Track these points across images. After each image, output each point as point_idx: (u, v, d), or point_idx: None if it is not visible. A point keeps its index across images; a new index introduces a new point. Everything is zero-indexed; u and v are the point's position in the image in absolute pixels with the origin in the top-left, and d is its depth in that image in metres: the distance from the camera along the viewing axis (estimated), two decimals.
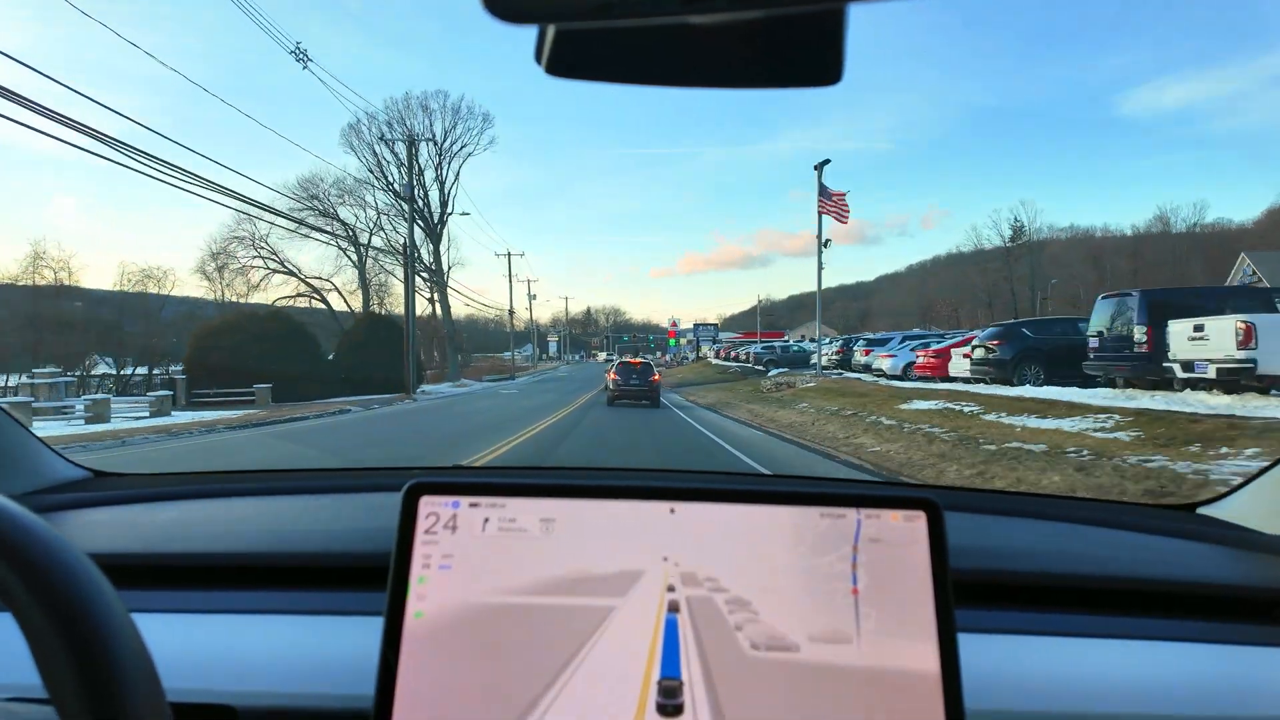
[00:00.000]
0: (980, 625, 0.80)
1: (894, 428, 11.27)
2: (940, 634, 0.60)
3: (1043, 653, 0.78)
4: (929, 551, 0.62)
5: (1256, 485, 1.08)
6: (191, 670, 0.74)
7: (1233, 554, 0.99)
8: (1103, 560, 0.94)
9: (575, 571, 0.63)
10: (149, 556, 0.93)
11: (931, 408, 12.21)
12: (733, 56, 0.43)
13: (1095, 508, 1.16)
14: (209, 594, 0.87)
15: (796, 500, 0.64)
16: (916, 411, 12.19)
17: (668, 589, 0.62)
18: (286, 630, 0.81)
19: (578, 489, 0.65)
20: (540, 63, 0.42)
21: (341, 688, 0.73)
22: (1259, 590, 0.88)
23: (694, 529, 0.64)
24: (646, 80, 0.44)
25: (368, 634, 0.72)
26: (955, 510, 1.05)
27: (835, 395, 16.73)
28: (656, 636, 0.60)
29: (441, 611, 0.61)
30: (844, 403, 15.02)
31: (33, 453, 1.22)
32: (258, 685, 0.74)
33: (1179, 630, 0.82)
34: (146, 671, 0.42)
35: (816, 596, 0.61)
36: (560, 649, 0.60)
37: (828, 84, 0.44)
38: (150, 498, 1.23)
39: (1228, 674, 0.76)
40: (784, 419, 14.85)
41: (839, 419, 13.35)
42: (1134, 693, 0.74)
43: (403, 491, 0.64)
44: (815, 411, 14.83)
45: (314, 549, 0.94)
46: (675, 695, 0.58)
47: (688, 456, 10.26)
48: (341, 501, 1.23)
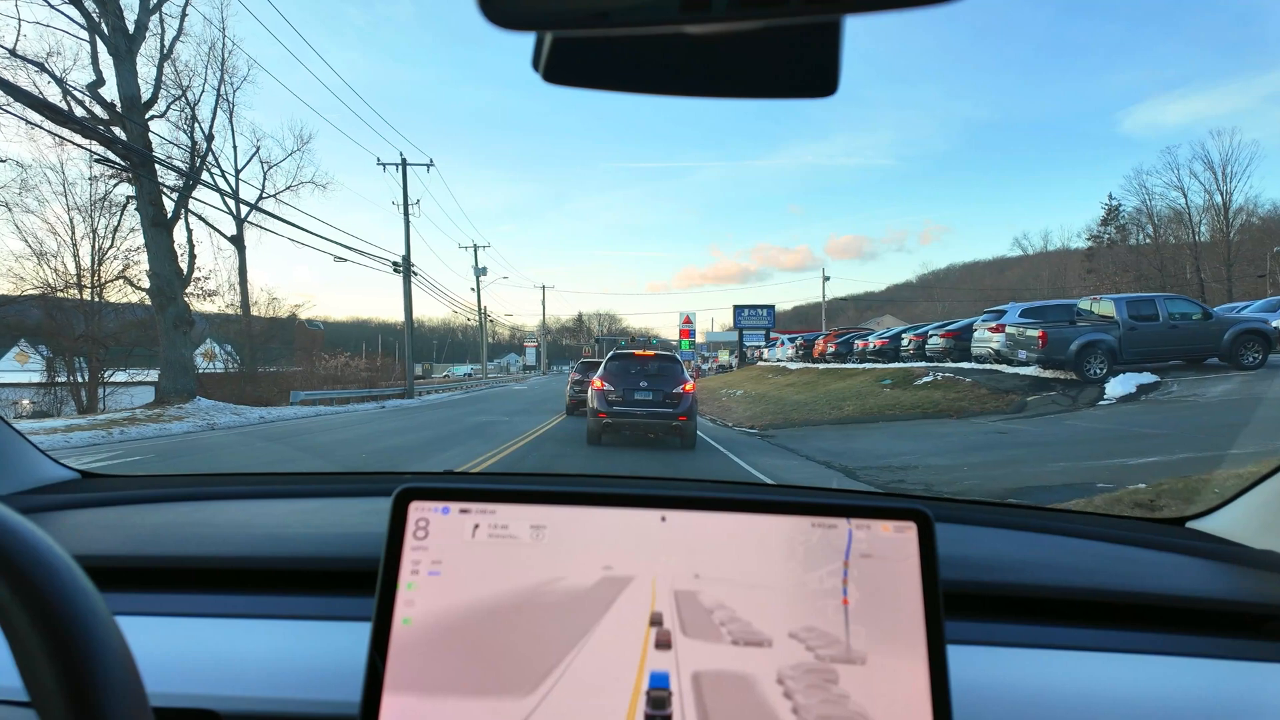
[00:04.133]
0: (969, 637, 0.80)
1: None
2: (929, 645, 0.60)
3: (1031, 665, 0.78)
4: (919, 563, 0.62)
5: (1245, 500, 1.09)
6: (175, 674, 0.73)
7: (1221, 568, 0.99)
8: (1092, 573, 0.94)
9: (565, 579, 0.62)
10: (135, 559, 0.92)
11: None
12: (729, 66, 0.43)
13: (1085, 520, 1.17)
14: (195, 597, 0.86)
15: (788, 510, 0.64)
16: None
17: (658, 598, 0.61)
18: (273, 635, 0.80)
19: (569, 496, 0.64)
20: (538, 70, 0.42)
21: (327, 693, 0.72)
22: (1247, 605, 0.88)
23: (685, 538, 0.63)
24: (642, 89, 0.44)
25: (355, 639, 0.72)
26: (945, 521, 1.04)
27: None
28: (646, 646, 0.60)
29: (430, 617, 0.61)
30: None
31: (19, 453, 1.21)
32: (242, 690, 0.73)
33: (1167, 644, 0.82)
34: (129, 674, 0.42)
35: (807, 607, 0.61)
36: (549, 657, 0.59)
37: (823, 95, 0.44)
38: (137, 500, 1.22)
39: (1216, 688, 0.76)
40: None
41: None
42: (1122, 707, 0.73)
43: (393, 496, 0.64)
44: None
45: (302, 553, 0.93)
46: (664, 706, 0.58)
47: None
48: (330, 506, 1.22)
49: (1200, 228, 44.38)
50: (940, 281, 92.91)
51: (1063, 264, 64.92)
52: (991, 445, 9.75)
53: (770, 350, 40.46)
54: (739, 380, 29.64)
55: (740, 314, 43.35)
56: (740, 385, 26.46)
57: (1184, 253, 43.48)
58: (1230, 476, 6.20)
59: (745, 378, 30.40)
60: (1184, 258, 43.30)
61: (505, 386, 43.51)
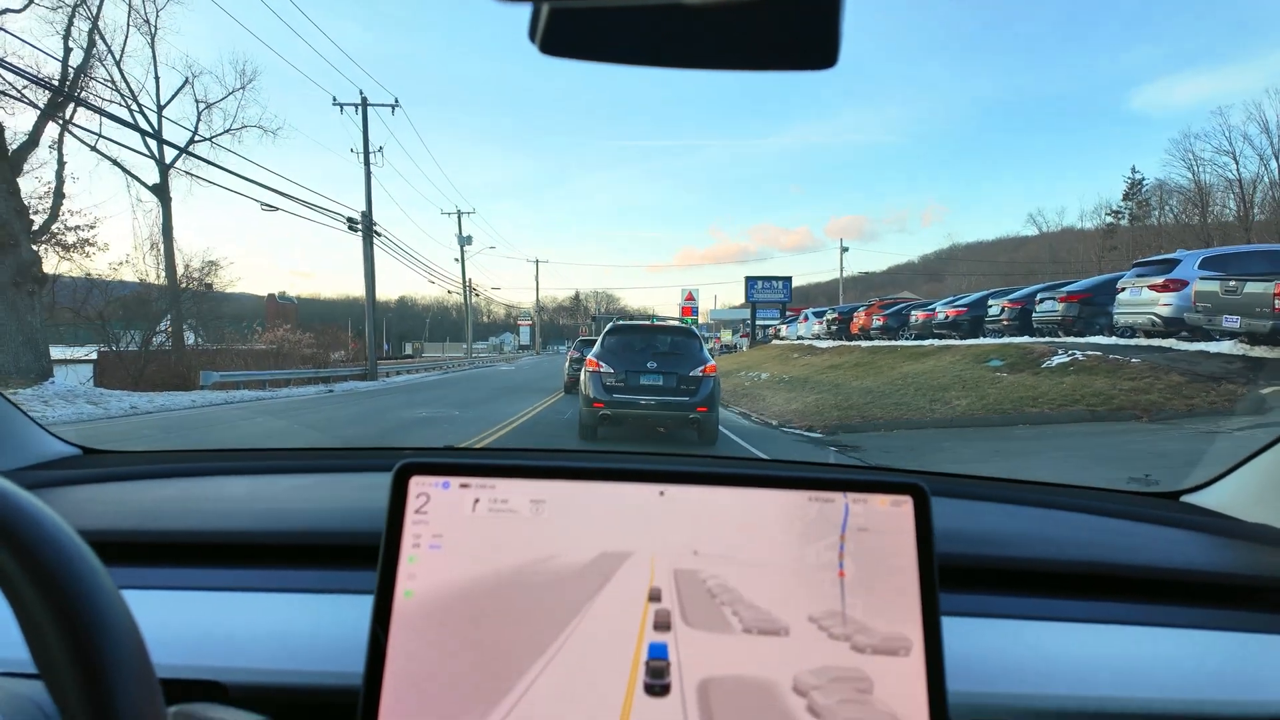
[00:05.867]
0: (964, 609, 0.80)
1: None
2: (924, 617, 0.61)
3: (1025, 637, 0.78)
4: (915, 536, 0.63)
5: (1239, 474, 1.09)
6: (181, 646, 0.74)
7: (1214, 541, 1.00)
8: (1087, 546, 0.95)
9: (564, 552, 0.63)
10: (138, 534, 0.92)
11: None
12: (727, 37, 0.43)
13: (1080, 494, 1.16)
14: (199, 571, 0.86)
15: (785, 484, 0.64)
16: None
17: (656, 570, 0.62)
18: (277, 608, 0.80)
19: (568, 471, 0.65)
20: (534, 41, 0.41)
21: (331, 665, 0.73)
22: (1240, 577, 0.89)
23: (683, 512, 0.64)
24: (640, 61, 0.43)
25: (358, 612, 0.74)
26: (941, 495, 1.03)
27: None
28: (645, 617, 0.60)
29: (431, 590, 0.62)
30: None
31: (21, 429, 1.20)
32: (247, 662, 0.73)
33: (1161, 616, 0.82)
34: (135, 647, 0.42)
35: (804, 580, 0.62)
36: (549, 629, 0.60)
37: (823, 67, 0.43)
38: (140, 475, 1.22)
39: (1208, 658, 0.77)
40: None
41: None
42: (1116, 676, 0.75)
43: (393, 471, 0.64)
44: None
45: (305, 527, 0.93)
46: (663, 675, 0.59)
47: None
48: (332, 481, 1.22)
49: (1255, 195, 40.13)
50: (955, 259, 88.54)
51: (1065, 242, 62.80)
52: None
53: (791, 327, 33.89)
54: (757, 361, 24.40)
55: (753, 286, 36.47)
56: (761, 367, 21.31)
57: (1233, 227, 39.14)
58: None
59: (765, 358, 24.98)
60: (1232, 229, 38.71)
61: (492, 367, 39.62)
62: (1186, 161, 43.01)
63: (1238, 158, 40.35)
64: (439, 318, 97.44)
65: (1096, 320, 13.84)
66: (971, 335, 17.97)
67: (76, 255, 19.17)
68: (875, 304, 26.89)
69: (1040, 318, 15.05)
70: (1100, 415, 8.94)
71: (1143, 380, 9.56)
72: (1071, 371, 10.69)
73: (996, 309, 17.37)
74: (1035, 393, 10.08)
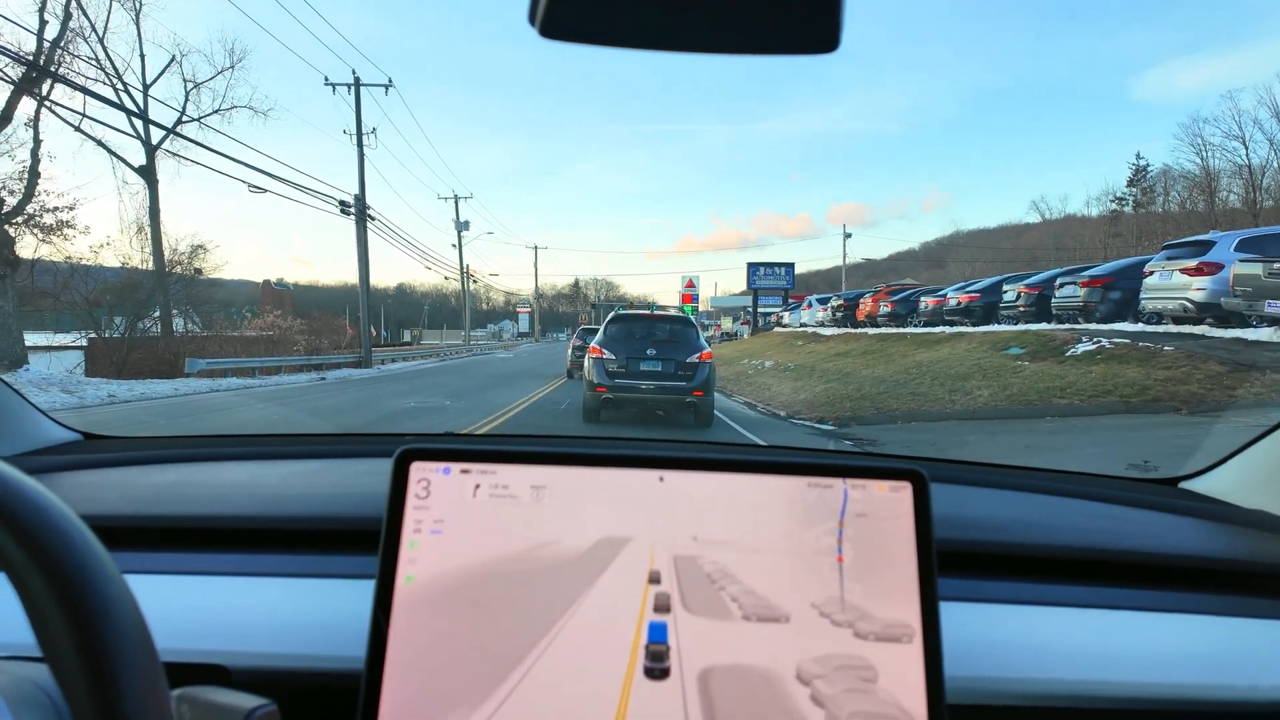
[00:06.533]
0: (962, 594, 0.80)
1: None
2: (923, 602, 0.61)
3: (1023, 621, 0.78)
4: (913, 522, 0.63)
5: (1237, 460, 1.09)
6: (185, 631, 0.74)
7: (1212, 527, 1.00)
8: (1085, 532, 0.94)
9: (565, 538, 0.63)
10: (141, 519, 0.92)
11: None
12: (728, 19, 0.42)
13: (1079, 480, 1.15)
14: (202, 556, 0.86)
15: (784, 470, 0.64)
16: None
17: (655, 556, 0.62)
18: (279, 592, 0.80)
19: (568, 457, 0.65)
20: (534, 24, 0.42)
21: (334, 649, 0.73)
22: (1237, 562, 0.88)
23: (682, 498, 0.64)
24: (639, 44, 0.43)
25: (359, 597, 0.74)
26: (939, 481, 1.03)
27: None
28: (644, 602, 0.61)
29: (432, 575, 0.62)
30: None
31: (22, 415, 1.20)
32: (251, 646, 0.73)
33: (1158, 601, 0.82)
34: (139, 631, 0.42)
35: (803, 566, 0.62)
36: (549, 613, 0.60)
37: (824, 51, 0.43)
38: (141, 460, 1.21)
39: (1205, 643, 0.77)
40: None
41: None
42: (1112, 661, 0.74)
43: (394, 457, 0.64)
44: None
45: (307, 512, 0.93)
46: (662, 659, 0.59)
47: None
48: (333, 466, 1.22)
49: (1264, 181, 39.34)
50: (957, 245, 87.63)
51: (1069, 229, 62.28)
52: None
53: (793, 314, 33.94)
54: (759, 348, 23.89)
55: (755, 273, 36.08)
56: (765, 354, 20.86)
57: (1241, 213, 38.42)
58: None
59: (767, 345, 24.43)
60: (1239, 215, 38.04)
61: (490, 355, 38.75)
62: (1195, 147, 42.18)
63: (1247, 143, 39.58)
64: (438, 305, 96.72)
65: (1120, 305, 13.24)
66: (985, 322, 17.43)
67: (55, 238, 18.40)
68: (883, 290, 26.38)
69: (1060, 303, 14.45)
70: (1135, 407, 8.37)
71: (1179, 369, 8.96)
72: (1099, 360, 10.10)
73: (1012, 294, 16.76)
74: (1063, 383, 9.51)
